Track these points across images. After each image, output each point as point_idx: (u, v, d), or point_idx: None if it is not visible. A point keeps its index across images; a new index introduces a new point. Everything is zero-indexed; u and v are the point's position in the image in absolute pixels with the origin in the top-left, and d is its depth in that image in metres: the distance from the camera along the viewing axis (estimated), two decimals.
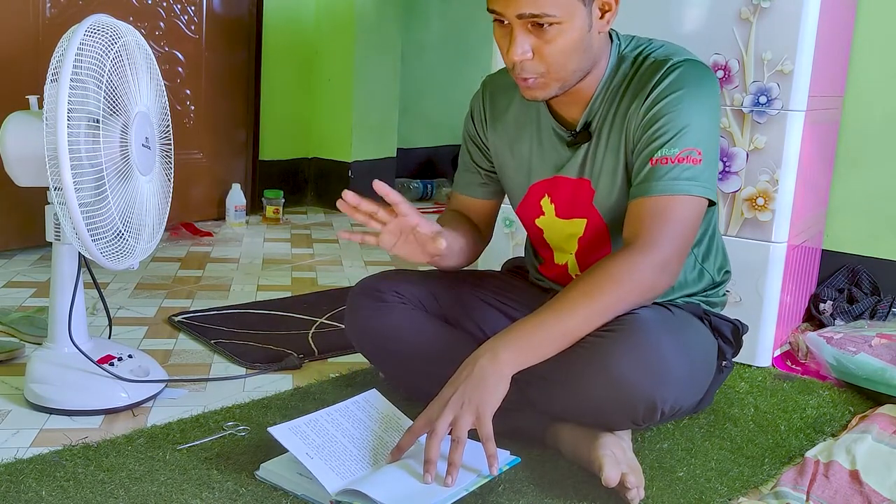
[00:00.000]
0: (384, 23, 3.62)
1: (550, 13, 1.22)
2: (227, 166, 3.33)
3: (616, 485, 1.21)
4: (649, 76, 1.31)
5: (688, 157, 1.27)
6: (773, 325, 1.91)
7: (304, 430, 1.26)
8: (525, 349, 1.22)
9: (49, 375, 1.51)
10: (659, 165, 1.27)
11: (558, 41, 1.25)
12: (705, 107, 1.30)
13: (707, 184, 1.29)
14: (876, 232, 2.27)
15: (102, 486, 1.24)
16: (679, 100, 1.28)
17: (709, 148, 1.30)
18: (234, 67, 3.30)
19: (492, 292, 1.58)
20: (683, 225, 1.28)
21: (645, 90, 1.31)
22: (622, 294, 1.25)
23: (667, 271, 1.27)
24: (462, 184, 1.56)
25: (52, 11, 2.64)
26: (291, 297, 2.30)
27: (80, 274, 1.53)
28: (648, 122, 1.29)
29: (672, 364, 1.26)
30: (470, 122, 1.53)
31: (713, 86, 1.33)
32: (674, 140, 1.27)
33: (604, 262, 1.26)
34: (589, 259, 1.43)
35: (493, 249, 1.72)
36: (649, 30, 1.90)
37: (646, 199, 1.28)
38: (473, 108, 1.53)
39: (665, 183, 1.27)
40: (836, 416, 1.63)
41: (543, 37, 1.24)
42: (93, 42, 1.38)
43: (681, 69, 1.30)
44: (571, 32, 1.25)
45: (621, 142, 1.34)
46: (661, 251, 1.25)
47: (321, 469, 1.19)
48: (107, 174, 1.39)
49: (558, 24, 1.23)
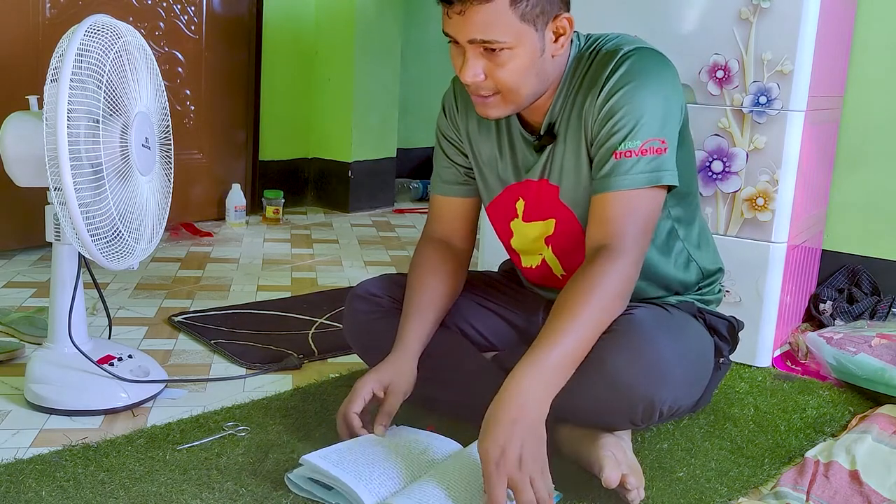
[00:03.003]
0: (384, 23, 3.62)
1: (501, 39, 1.23)
2: (227, 166, 3.33)
3: (616, 486, 1.21)
4: (601, 69, 1.31)
5: (650, 149, 1.27)
6: (772, 325, 1.91)
7: (334, 455, 1.24)
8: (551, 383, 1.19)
9: (49, 376, 1.51)
10: (623, 159, 1.27)
11: (509, 65, 1.25)
12: (660, 92, 1.29)
13: (672, 169, 1.30)
14: (876, 232, 2.27)
15: (102, 487, 1.24)
16: (634, 90, 1.28)
17: (668, 135, 1.30)
18: (234, 67, 3.30)
19: (487, 294, 1.58)
20: (648, 219, 1.30)
21: (598, 84, 1.30)
22: (609, 300, 1.25)
23: (637, 268, 1.29)
24: (440, 185, 1.54)
25: (52, 11, 2.64)
26: (291, 298, 2.30)
27: (80, 274, 1.53)
28: (606, 115, 1.29)
29: (669, 364, 1.26)
30: (443, 119, 1.52)
31: (666, 68, 1.32)
32: (634, 132, 1.27)
33: (580, 275, 1.26)
34: (570, 256, 1.42)
35: (493, 249, 1.72)
36: (649, 30, 1.91)
37: (612, 194, 1.28)
38: (445, 104, 1.52)
39: (632, 177, 1.27)
40: (836, 416, 1.63)
41: (495, 60, 1.25)
42: (93, 42, 1.38)
43: (631, 59, 1.30)
44: (523, 57, 1.26)
45: (581, 137, 1.34)
46: (631, 252, 1.26)
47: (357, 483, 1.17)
48: (107, 174, 1.39)
49: (509, 48, 1.24)
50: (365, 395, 1.34)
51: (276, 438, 1.42)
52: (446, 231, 1.53)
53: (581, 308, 1.22)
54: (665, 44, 1.90)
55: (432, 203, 1.56)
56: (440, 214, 1.54)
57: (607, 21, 1.97)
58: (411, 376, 1.38)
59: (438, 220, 1.54)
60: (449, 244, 1.52)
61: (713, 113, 1.89)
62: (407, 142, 4.09)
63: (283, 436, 1.43)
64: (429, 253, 1.51)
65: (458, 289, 1.52)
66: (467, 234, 1.55)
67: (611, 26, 1.49)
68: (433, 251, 1.51)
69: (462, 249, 1.54)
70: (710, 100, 1.89)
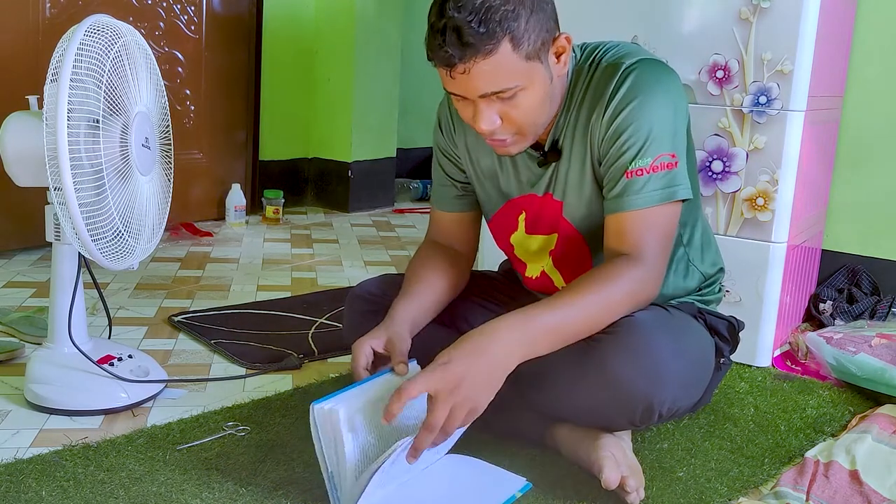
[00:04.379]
0: (384, 23, 3.62)
1: (512, 85, 1.20)
2: (227, 166, 3.33)
3: (616, 487, 1.21)
4: (605, 84, 1.29)
5: (661, 165, 1.26)
6: (772, 325, 1.91)
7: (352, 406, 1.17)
8: (532, 342, 1.18)
9: (49, 375, 1.51)
10: (635, 178, 1.26)
11: (525, 104, 1.23)
12: (667, 105, 1.28)
13: (685, 182, 1.29)
14: (876, 232, 2.27)
15: (102, 486, 1.24)
16: (640, 106, 1.26)
17: (679, 147, 1.29)
18: (234, 67, 3.30)
19: (487, 295, 1.58)
20: (668, 234, 1.29)
21: (603, 99, 1.28)
22: (619, 296, 1.24)
23: (656, 284, 1.28)
24: (439, 199, 1.53)
25: (52, 11, 2.64)
26: (291, 297, 2.30)
27: (80, 274, 1.53)
28: (614, 134, 1.27)
29: (669, 365, 1.26)
30: (438, 133, 1.50)
31: (669, 78, 1.30)
32: (644, 149, 1.25)
33: (598, 269, 1.25)
34: (571, 270, 1.42)
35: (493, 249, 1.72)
36: (649, 30, 1.91)
37: (628, 214, 1.26)
38: (440, 117, 1.50)
39: (646, 195, 1.26)
40: (836, 416, 1.63)
41: (509, 103, 1.22)
42: (93, 42, 1.38)
43: (635, 72, 1.27)
44: (536, 93, 1.23)
45: (586, 152, 1.33)
46: (650, 266, 1.25)
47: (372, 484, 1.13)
48: (107, 174, 1.39)
49: (522, 90, 1.21)
50: (366, 351, 1.29)
51: (276, 438, 1.42)
52: (447, 239, 1.53)
53: (590, 291, 1.22)
54: (665, 44, 1.91)
55: (432, 216, 1.55)
56: (440, 226, 1.54)
57: (608, 21, 1.97)
58: (407, 340, 1.32)
59: (438, 231, 1.54)
60: (449, 247, 1.52)
61: (713, 113, 1.89)
62: (407, 142, 4.09)
63: (283, 436, 1.43)
64: (428, 252, 1.50)
65: (457, 285, 1.50)
66: (468, 241, 1.55)
67: (611, 27, 1.49)
68: (432, 251, 1.50)
69: (463, 253, 1.53)
70: (710, 100, 1.89)
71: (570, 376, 1.27)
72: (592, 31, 1.45)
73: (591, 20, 1.96)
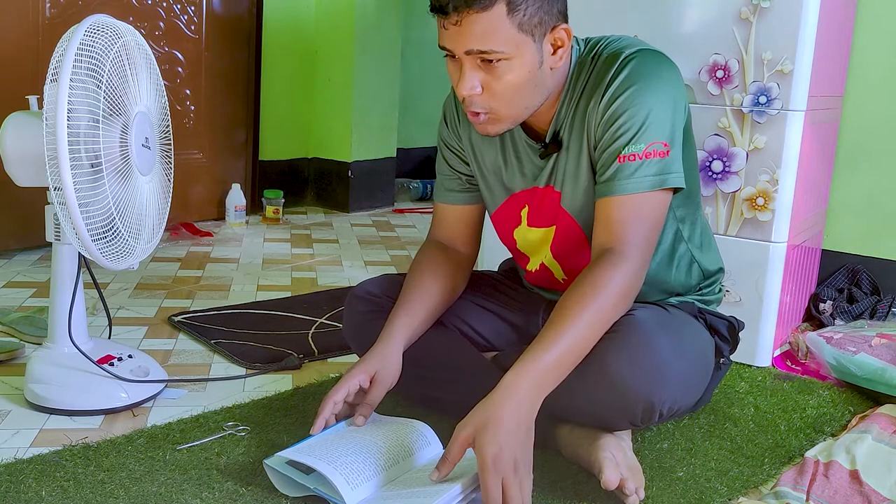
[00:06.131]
0: (384, 23, 3.62)
1: (498, 49, 1.21)
2: (227, 166, 3.33)
3: (615, 488, 1.21)
4: (604, 72, 1.30)
5: (654, 152, 1.26)
6: (772, 324, 1.91)
7: (307, 449, 1.24)
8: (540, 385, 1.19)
9: (49, 375, 1.51)
10: (627, 163, 1.26)
11: (507, 77, 1.24)
12: (664, 95, 1.28)
13: (677, 171, 1.29)
14: (876, 232, 2.27)
15: (102, 486, 1.24)
16: (637, 93, 1.27)
17: (674, 137, 1.29)
18: (234, 67, 3.30)
19: (486, 294, 1.58)
20: (654, 222, 1.29)
21: (601, 87, 1.29)
22: (612, 300, 1.24)
23: (642, 273, 1.28)
24: (442, 192, 1.53)
25: (52, 11, 2.64)
26: (291, 297, 2.30)
27: (80, 274, 1.53)
28: (609, 119, 1.28)
29: (669, 365, 1.26)
30: (444, 126, 1.51)
31: (670, 70, 1.31)
32: (638, 135, 1.26)
33: (583, 278, 1.25)
34: (571, 261, 1.42)
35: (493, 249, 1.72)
36: (649, 30, 1.91)
37: (617, 198, 1.27)
38: (446, 111, 1.51)
39: (636, 181, 1.26)
40: (836, 416, 1.63)
41: (493, 73, 1.23)
42: (93, 42, 1.38)
43: (634, 61, 1.28)
44: (521, 69, 1.24)
45: (583, 141, 1.33)
46: (636, 257, 1.25)
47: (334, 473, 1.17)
48: (106, 174, 1.39)
49: (507, 59, 1.22)
50: (351, 386, 1.33)
51: (276, 438, 1.42)
52: (449, 237, 1.53)
53: (581, 311, 1.21)
54: (665, 44, 1.90)
55: (435, 210, 1.56)
56: (443, 221, 1.54)
57: (608, 21, 1.97)
58: (397, 366, 1.38)
59: (441, 227, 1.54)
60: (451, 248, 1.52)
61: (713, 113, 1.89)
62: (407, 142, 4.09)
63: (283, 436, 1.43)
64: (428, 254, 1.50)
65: (457, 289, 1.52)
66: (470, 240, 1.54)
67: (611, 26, 1.49)
68: (433, 253, 1.51)
69: (464, 254, 1.53)
70: (710, 100, 1.89)
71: (569, 377, 1.27)
72: (592, 30, 1.45)
73: (590, 20, 1.96)
